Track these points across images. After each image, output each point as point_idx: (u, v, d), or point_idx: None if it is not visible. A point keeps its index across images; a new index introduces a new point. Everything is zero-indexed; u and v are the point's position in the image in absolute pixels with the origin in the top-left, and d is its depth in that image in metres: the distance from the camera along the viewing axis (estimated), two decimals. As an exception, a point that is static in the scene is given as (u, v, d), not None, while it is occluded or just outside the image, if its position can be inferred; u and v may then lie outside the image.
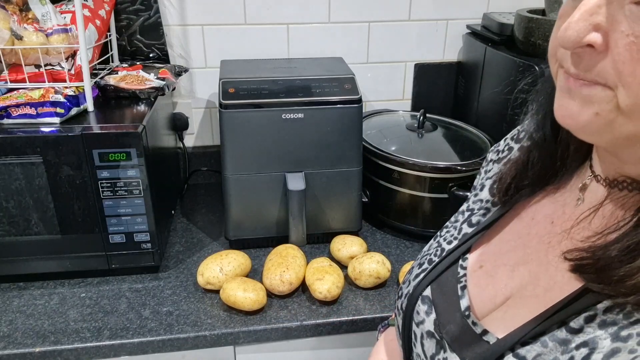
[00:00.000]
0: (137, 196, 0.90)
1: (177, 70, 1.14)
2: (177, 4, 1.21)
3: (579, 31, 0.34)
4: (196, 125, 1.34)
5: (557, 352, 0.39)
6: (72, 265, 0.95)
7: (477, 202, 0.59)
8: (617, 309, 0.38)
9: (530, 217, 0.51)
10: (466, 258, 0.54)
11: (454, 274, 0.53)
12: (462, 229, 0.58)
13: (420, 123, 1.17)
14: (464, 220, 0.59)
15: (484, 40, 1.23)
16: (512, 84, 1.10)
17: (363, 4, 1.28)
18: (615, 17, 0.33)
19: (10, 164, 0.85)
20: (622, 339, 0.36)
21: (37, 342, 0.83)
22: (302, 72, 1.07)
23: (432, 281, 0.55)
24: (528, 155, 0.51)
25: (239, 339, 0.87)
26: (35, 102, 0.86)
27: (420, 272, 0.57)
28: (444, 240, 0.59)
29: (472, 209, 0.59)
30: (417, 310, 0.54)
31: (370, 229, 1.16)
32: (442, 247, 0.58)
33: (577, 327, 0.39)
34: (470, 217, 0.58)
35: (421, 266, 0.58)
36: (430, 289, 0.54)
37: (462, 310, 0.50)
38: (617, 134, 0.37)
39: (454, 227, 0.60)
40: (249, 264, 0.98)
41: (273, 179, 1.02)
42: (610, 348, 0.37)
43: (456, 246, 0.56)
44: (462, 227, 0.58)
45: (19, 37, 0.88)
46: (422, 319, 0.53)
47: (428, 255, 0.59)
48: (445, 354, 0.48)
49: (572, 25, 0.35)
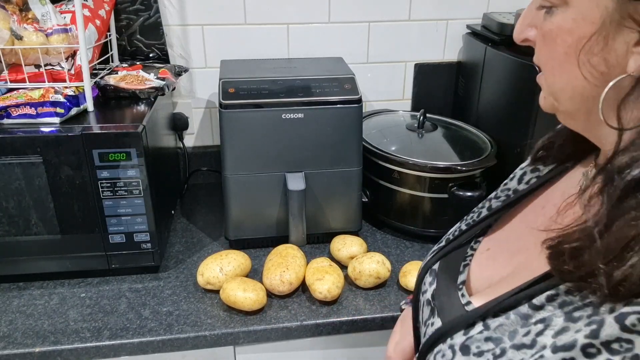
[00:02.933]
0: (137, 196, 0.90)
1: (177, 70, 1.14)
2: (177, 4, 1.21)
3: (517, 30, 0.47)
4: (196, 125, 1.34)
5: (517, 325, 0.42)
6: (72, 265, 0.95)
7: (505, 190, 0.62)
8: (576, 291, 0.40)
9: (541, 206, 0.54)
10: (479, 241, 0.58)
11: (462, 253, 0.58)
12: (482, 212, 0.62)
13: (420, 123, 1.17)
14: (487, 205, 0.62)
15: (484, 40, 1.23)
16: (512, 84, 1.11)
17: (363, 4, 1.28)
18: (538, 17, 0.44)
19: (10, 164, 0.85)
20: (574, 320, 0.39)
21: (37, 342, 0.83)
22: (302, 72, 1.07)
23: (442, 257, 0.59)
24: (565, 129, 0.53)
25: (239, 339, 0.87)
26: (35, 102, 0.86)
27: (436, 249, 0.63)
28: (464, 222, 0.64)
29: (498, 196, 0.62)
30: (425, 281, 0.59)
31: (370, 229, 1.16)
32: (460, 228, 0.63)
33: (539, 304, 0.42)
34: (491, 203, 0.62)
35: (439, 244, 0.64)
36: (438, 264, 0.59)
37: (457, 284, 0.54)
38: (562, 116, 0.46)
39: (478, 211, 0.63)
40: (249, 264, 0.98)
41: (273, 179, 1.02)
42: (561, 326, 0.39)
43: (470, 226, 0.60)
44: (482, 211, 0.62)
45: (19, 37, 0.88)
46: (426, 289, 0.58)
47: (448, 235, 0.65)
48: (433, 319, 0.53)
49: (516, 25, 0.47)
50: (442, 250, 0.61)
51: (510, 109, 1.11)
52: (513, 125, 1.10)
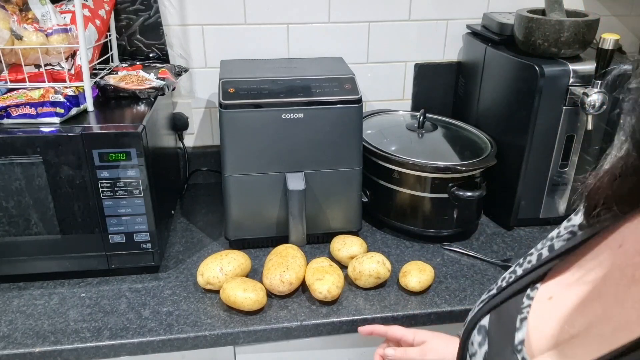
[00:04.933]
0: (137, 196, 0.90)
1: (177, 70, 1.14)
2: (177, 4, 1.21)
3: None
4: (196, 125, 1.34)
5: None
6: (72, 265, 0.95)
7: (569, 227, 0.51)
8: None
9: (617, 245, 0.43)
10: (536, 288, 0.48)
11: (517, 303, 0.48)
12: (542, 254, 0.51)
13: (420, 123, 1.17)
14: (547, 245, 0.52)
15: (484, 40, 1.23)
16: (512, 84, 1.11)
17: (363, 4, 1.28)
18: None
19: (10, 164, 0.85)
20: None
21: (37, 342, 0.83)
22: (302, 72, 1.07)
23: (493, 309, 0.49)
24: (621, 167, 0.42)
25: (239, 339, 0.87)
26: (35, 102, 0.86)
27: (485, 298, 0.52)
28: (520, 267, 0.52)
29: (560, 235, 0.51)
30: (472, 340, 0.50)
31: (370, 229, 1.16)
32: (516, 272, 0.52)
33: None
34: (552, 242, 0.51)
35: (489, 292, 0.53)
36: (488, 318, 0.49)
37: (515, 344, 0.44)
38: None
39: (537, 252, 0.53)
40: (249, 264, 0.98)
41: (273, 179, 1.02)
42: None
43: (527, 271, 0.49)
44: (542, 251, 0.51)
45: (19, 37, 0.88)
46: (475, 350, 0.49)
47: (500, 281, 0.53)
48: None
49: None
50: (492, 299, 0.50)
51: (510, 109, 1.11)
52: (513, 125, 1.10)
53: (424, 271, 0.95)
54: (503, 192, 1.14)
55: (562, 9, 1.08)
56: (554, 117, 1.04)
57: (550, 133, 1.06)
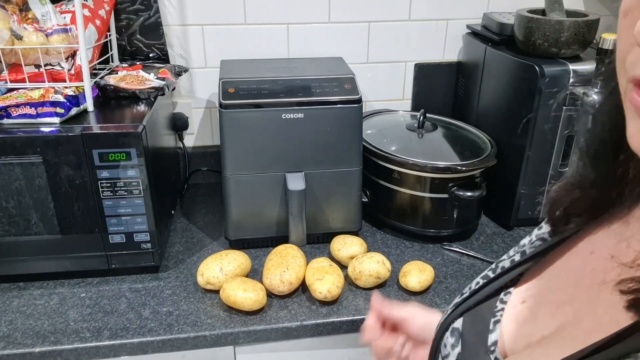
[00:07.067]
0: (137, 196, 0.90)
1: (177, 70, 1.14)
2: (177, 4, 1.21)
3: None
4: (196, 125, 1.34)
5: None
6: (72, 265, 0.95)
7: (540, 234, 0.52)
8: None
9: (588, 251, 0.43)
10: (509, 292, 0.48)
11: (490, 306, 0.48)
12: (514, 259, 0.51)
13: (420, 123, 1.17)
14: (519, 252, 0.52)
15: (484, 40, 1.23)
16: (512, 84, 1.11)
17: (363, 4, 1.28)
18: None
19: (10, 164, 0.85)
20: None
21: (37, 342, 0.83)
22: (302, 72, 1.07)
23: (466, 311, 0.49)
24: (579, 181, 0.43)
25: (239, 339, 0.87)
26: (35, 102, 0.86)
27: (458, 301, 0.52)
28: (492, 272, 0.53)
29: (532, 242, 0.52)
30: (445, 342, 0.50)
31: (370, 229, 1.16)
32: (488, 277, 0.52)
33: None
34: (524, 249, 0.52)
35: (462, 295, 0.53)
36: (462, 321, 0.49)
37: (488, 345, 0.44)
38: None
39: (509, 258, 0.53)
40: (249, 264, 0.98)
41: (273, 179, 1.02)
42: None
43: (499, 274, 0.50)
44: (514, 257, 0.52)
45: (19, 37, 0.88)
46: (448, 352, 0.48)
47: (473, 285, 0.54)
48: None
49: None
50: (465, 302, 0.50)
51: (510, 109, 1.11)
52: (513, 125, 1.10)
53: (424, 271, 0.95)
54: (503, 192, 1.14)
55: (562, 9, 1.08)
56: (554, 117, 1.04)
57: (550, 133, 1.06)
